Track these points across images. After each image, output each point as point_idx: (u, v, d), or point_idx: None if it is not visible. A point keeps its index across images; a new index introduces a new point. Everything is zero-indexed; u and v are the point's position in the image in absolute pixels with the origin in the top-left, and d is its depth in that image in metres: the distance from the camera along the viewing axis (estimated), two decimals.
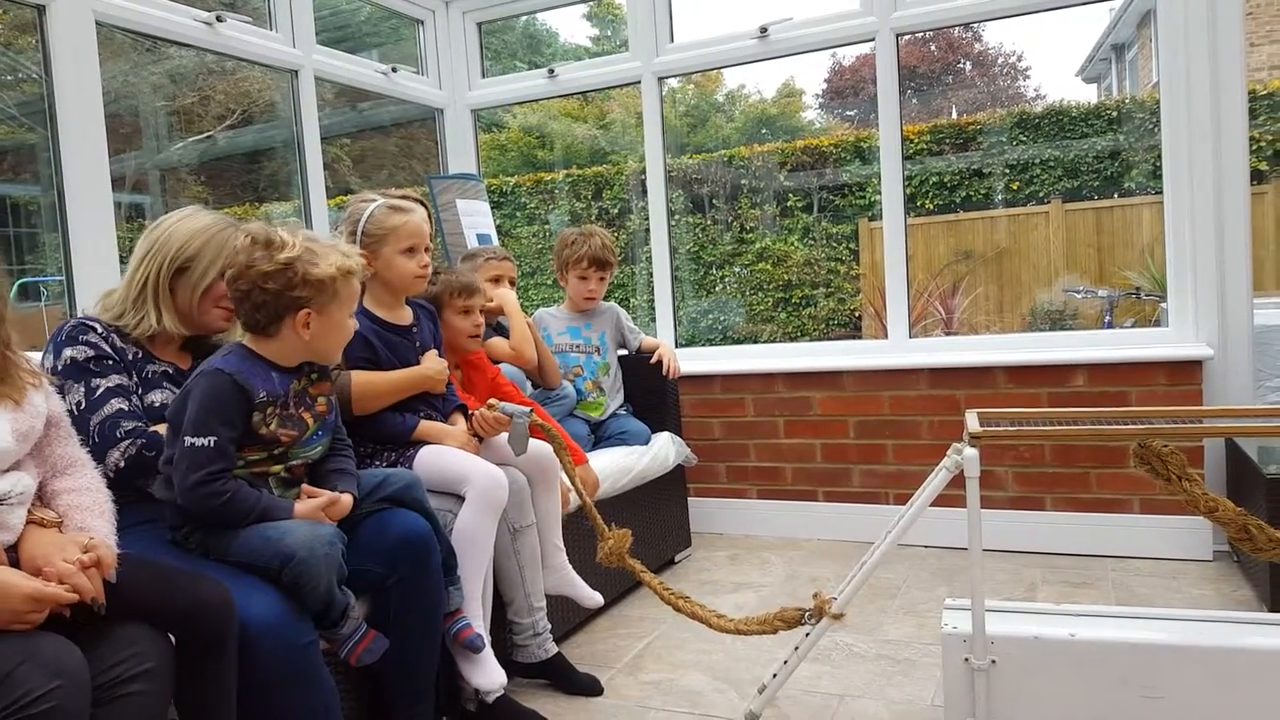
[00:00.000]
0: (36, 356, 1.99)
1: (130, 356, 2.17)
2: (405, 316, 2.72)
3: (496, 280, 3.47)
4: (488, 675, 2.42)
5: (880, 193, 4.19)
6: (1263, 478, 2.93)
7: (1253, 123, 8.60)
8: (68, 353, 2.08)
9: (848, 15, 4.17)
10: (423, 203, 2.98)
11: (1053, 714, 2.03)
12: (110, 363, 2.12)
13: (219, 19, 3.53)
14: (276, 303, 2.01)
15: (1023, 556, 3.76)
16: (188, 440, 1.92)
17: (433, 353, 2.72)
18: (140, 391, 2.15)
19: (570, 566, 2.86)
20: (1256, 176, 8.43)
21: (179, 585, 1.73)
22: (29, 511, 1.70)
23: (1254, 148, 8.46)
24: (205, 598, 1.72)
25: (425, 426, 2.65)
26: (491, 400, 2.69)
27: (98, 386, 2.07)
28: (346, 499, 2.13)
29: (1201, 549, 3.59)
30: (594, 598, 2.90)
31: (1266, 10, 12.23)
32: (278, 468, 2.08)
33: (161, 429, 2.05)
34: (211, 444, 1.92)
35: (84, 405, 2.04)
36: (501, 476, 2.51)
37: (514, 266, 3.61)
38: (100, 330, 2.14)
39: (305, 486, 2.13)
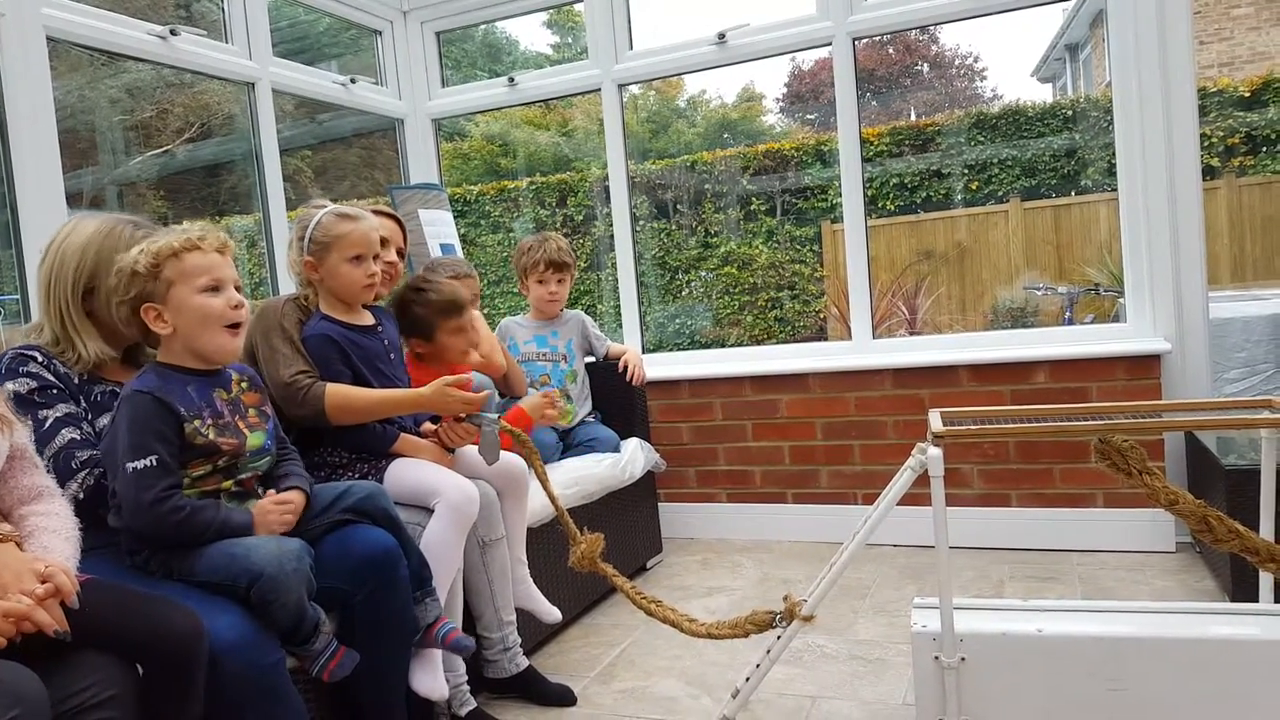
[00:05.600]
0: None
1: (75, 381, 2.08)
2: (366, 318, 2.68)
3: None
4: (434, 683, 2.35)
5: (841, 195, 4.21)
6: (1221, 469, 2.97)
7: (1203, 119, 8.75)
8: (9, 386, 1.98)
9: (804, 20, 4.20)
10: (395, 217, 2.95)
11: (1023, 709, 2.04)
12: (55, 391, 2.03)
13: (173, 32, 3.49)
14: (130, 310, 1.98)
15: (989, 553, 3.79)
16: (128, 466, 1.88)
17: (443, 379, 2.61)
18: (90, 416, 2.07)
19: (531, 581, 2.83)
20: (1208, 172, 8.59)
21: (149, 613, 1.69)
22: None
23: (1205, 144, 8.62)
24: (177, 627, 1.69)
25: (403, 440, 2.63)
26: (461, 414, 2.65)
27: (46, 418, 1.99)
28: (298, 495, 2.11)
29: (1165, 541, 3.65)
30: (553, 613, 2.86)
31: (1214, 8, 12.44)
32: (228, 483, 2.04)
33: None
34: (154, 463, 1.89)
35: (34, 439, 1.94)
36: (473, 490, 2.49)
37: (476, 282, 3.57)
38: (40, 359, 2.05)
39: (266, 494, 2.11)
